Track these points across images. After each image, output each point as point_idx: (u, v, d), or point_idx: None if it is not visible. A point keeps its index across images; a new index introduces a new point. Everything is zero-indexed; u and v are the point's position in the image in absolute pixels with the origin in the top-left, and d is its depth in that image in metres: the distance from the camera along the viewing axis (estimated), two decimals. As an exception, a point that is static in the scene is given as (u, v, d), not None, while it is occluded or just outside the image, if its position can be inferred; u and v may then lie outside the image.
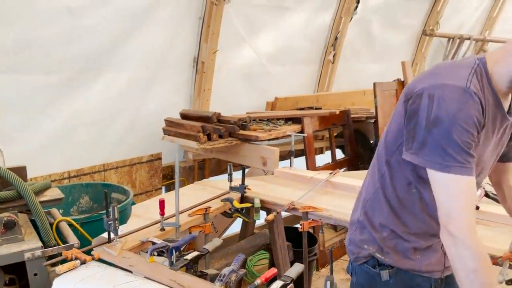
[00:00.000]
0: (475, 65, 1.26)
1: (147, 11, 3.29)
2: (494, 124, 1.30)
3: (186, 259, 1.78)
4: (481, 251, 1.20)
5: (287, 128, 3.54)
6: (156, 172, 3.61)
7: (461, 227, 1.19)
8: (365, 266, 1.49)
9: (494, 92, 1.26)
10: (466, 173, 1.19)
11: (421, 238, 1.43)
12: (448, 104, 1.18)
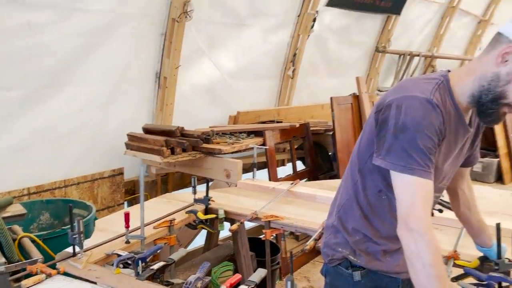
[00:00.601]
0: (439, 81, 1.38)
1: (108, 27, 3.33)
2: (456, 136, 1.42)
3: (153, 269, 1.82)
4: (437, 246, 1.30)
5: (249, 141, 3.64)
6: (118, 187, 3.60)
7: (420, 224, 1.27)
8: (338, 268, 1.58)
9: (456, 106, 1.38)
10: (426, 176, 1.29)
11: (390, 241, 1.53)
12: (414, 112, 1.29)
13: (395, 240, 1.51)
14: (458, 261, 1.91)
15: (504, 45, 1.28)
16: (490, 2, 8.40)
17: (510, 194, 3.06)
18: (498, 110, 1.33)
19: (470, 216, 1.76)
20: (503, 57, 1.28)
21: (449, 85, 1.37)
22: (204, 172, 3.33)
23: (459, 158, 1.54)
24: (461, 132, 1.43)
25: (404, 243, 1.31)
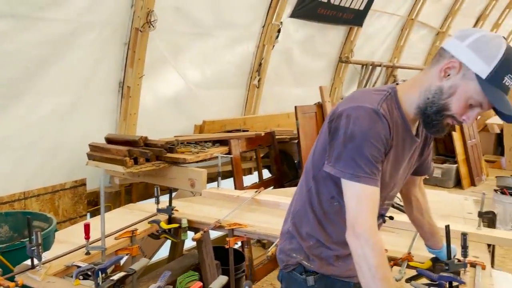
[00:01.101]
0: (387, 92, 1.45)
1: (71, 36, 3.30)
2: (403, 146, 1.48)
3: (113, 279, 1.81)
4: (382, 250, 1.36)
5: (214, 150, 3.66)
6: (80, 199, 3.54)
7: (366, 228, 1.33)
8: (293, 273, 1.62)
9: (403, 117, 1.44)
10: (372, 183, 1.35)
11: (342, 246, 1.55)
12: (362, 122, 1.35)
13: (346, 245, 1.56)
14: (412, 263, 2.00)
15: (446, 60, 1.35)
16: (447, 15, 8.78)
17: (463, 198, 3.21)
18: (442, 122, 1.40)
19: (422, 220, 1.84)
20: (446, 72, 1.35)
21: (397, 97, 1.44)
22: (169, 182, 3.32)
23: (408, 168, 1.61)
24: (408, 142, 1.50)
25: (352, 247, 1.36)
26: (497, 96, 1.31)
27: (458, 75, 1.34)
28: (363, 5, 5.92)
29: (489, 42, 1.32)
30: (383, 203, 1.59)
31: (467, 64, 1.32)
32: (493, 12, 10.32)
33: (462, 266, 1.90)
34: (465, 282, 1.80)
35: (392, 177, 1.52)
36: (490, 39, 1.32)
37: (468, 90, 1.33)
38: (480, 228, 2.36)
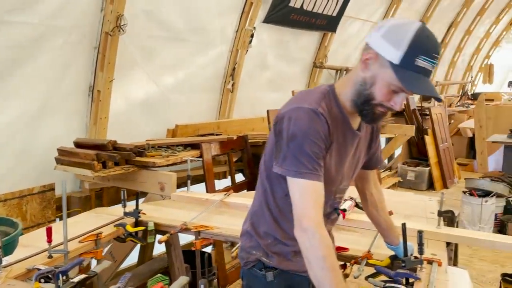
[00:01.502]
0: (325, 91, 1.52)
1: (39, 40, 3.28)
2: (345, 140, 1.55)
3: (73, 281, 1.80)
4: (328, 241, 1.40)
5: (185, 153, 3.67)
6: (49, 204, 3.50)
7: (312, 222, 1.39)
8: (253, 270, 1.67)
9: (343, 112, 1.51)
10: (315, 178, 1.41)
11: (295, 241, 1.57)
12: (301, 122, 1.42)
13: None
14: (371, 260, 2.04)
15: (365, 52, 1.43)
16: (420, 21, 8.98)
17: (428, 199, 3.29)
18: (373, 110, 1.46)
19: (377, 215, 1.91)
20: (365, 63, 1.42)
21: (335, 94, 1.52)
22: (139, 186, 3.32)
23: (355, 162, 1.67)
24: (350, 137, 1.57)
25: (299, 241, 1.41)
26: (411, 79, 1.35)
27: (376, 65, 1.40)
28: (336, 11, 6.03)
29: (399, 28, 1.37)
30: (335, 197, 1.65)
31: (381, 53, 1.38)
32: (464, 19, 10.62)
33: (419, 263, 1.96)
34: (420, 278, 1.85)
35: (338, 171, 1.57)
36: (400, 25, 1.38)
37: (385, 77, 1.39)
38: (440, 227, 2.43)
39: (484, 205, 5.00)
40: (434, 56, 1.36)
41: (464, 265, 4.36)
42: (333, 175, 1.55)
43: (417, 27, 1.36)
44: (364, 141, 1.67)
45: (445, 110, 8.75)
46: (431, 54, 1.35)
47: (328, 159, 1.49)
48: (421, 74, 1.36)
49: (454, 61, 11.95)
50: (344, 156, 1.57)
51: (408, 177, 7.63)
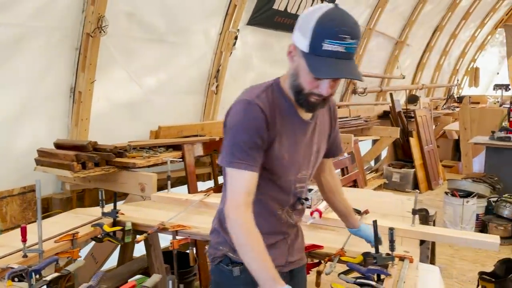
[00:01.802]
0: (269, 85, 1.59)
1: (17, 41, 3.26)
2: (294, 129, 1.59)
3: (46, 280, 1.80)
4: (250, 228, 1.46)
5: (167, 155, 3.68)
6: (29, 205, 3.48)
7: (233, 208, 1.47)
8: (220, 265, 1.69)
9: (289, 103, 1.56)
10: (243, 168, 1.47)
11: (264, 236, 1.61)
12: (237, 115, 1.50)
13: (269, 235, 1.64)
14: (344, 257, 2.07)
15: (290, 46, 1.51)
16: (404, 25, 9.10)
17: (406, 199, 3.33)
18: (307, 99, 1.51)
19: (334, 200, 1.98)
20: (290, 56, 1.51)
21: (280, 86, 1.58)
22: (119, 187, 3.32)
23: (313, 150, 1.70)
24: (298, 125, 1.61)
25: (228, 226, 1.49)
26: (320, 65, 1.39)
27: (296, 57, 1.48)
28: (320, 14, 6.08)
29: (307, 17, 1.43)
30: (295, 187, 1.68)
31: (296, 44, 1.46)
32: (449, 23, 10.77)
33: (390, 259, 2.00)
34: (390, 274, 1.88)
35: (291, 160, 1.61)
36: (308, 14, 1.43)
37: (303, 67, 1.44)
38: (414, 225, 2.47)
39: (465, 205, 5.06)
40: (342, 37, 1.36)
41: (445, 265, 4.43)
42: (286, 164, 1.60)
43: (322, 12, 1.39)
44: (323, 129, 1.73)
45: (430, 112, 8.87)
46: (337, 35, 1.36)
47: (278, 147, 1.55)
48: (334, 58, 1.38)
49: (440, 64, 12.10)
50: (295, 144, 1.61)
51: (393, 178, 7.71)
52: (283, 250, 1.74)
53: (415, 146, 7.81)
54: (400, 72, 9.44)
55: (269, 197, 1.64)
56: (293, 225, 1.78)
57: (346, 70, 1.41)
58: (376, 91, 8.89)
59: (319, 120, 1.70)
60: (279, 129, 1.54)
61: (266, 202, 1.65)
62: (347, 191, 3.65)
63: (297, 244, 1.84)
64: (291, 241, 1.78)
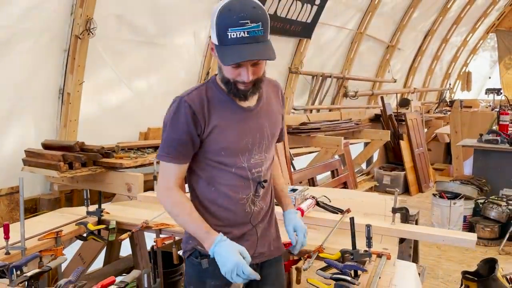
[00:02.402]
0: (206, 81, 1.72)
1: (6, 43, 3.30)
2: (234, 117, 1.66)
3: (26, 275, 1.83)
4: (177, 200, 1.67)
5: (154, 155, 3.70)
6: (17, 205, 3.49)
7: (163, 190, 1.69)
8: (191, 258, 1.76)
9: (225, 95, 1.65)
10: (165, 160, 1.66)
11: (231, 227, 1.72)
12: (168, 113, 1.65)
13: (236, 226, 1.70)
14: (322, 254, 2.11)
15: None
16: (396, 29, 9.19)
17: (390, 198, 3.38)
18: (236, 88, 1.60)
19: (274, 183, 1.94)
20: (212, 52, 1.60)
21: (216, 82, 1.68)
22: (106, 187, 3.35)
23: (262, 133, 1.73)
24: (239, 114, 1.68)
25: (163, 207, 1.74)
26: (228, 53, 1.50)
27: (215, 51, 1.57)
28: (310, 18, 6.15)
29: (213, 12, 1.53)
30: (251, 172, 1.72)
31: (212, 40, 1.58)
32: (440, 27, 10.88)
33: (367, 256, 2.04)
34: (366, 270, 1.92)
35: (238, 148, 1.67)
36: (213, 9, 1.53)
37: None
38: (394, 224, 2.51)
39: (452, 207, 5.11)
40: (242, 23, 1.45)
41: (432, 265, 4.47)
42: (233, 152, 1.67)
43: (222, 4, 1.50)
44: (272, 113, 1.77)
45: (421, 116, 8.93)
46: (238, 22, 1.45)
47: (218, 138, 1.64)
48: (240, 44, 1.47)
49: (432, 68, 12.20)
50: (239, 132, 1.67)
51: (384, 181, 7.76)
52: (253, 241, 1.78)
53: (405, 149, 7.86)
54: (392, 76, 9.52)
55: (229, 187, 1.69)
56: (262, 215, 1.79)
57: (250, 53, 1.49)
58: (368, 94, 8.95)
59: (266, 105, 1.75)
60: (215, 121, 1.63)
61: (228, 193, 1.70)
62: (332, 192, 3.71)
63: (270, 235, 1.85)
64: (262, 231, 1.80)
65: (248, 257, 1.59)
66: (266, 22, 1.51)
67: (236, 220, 1.73)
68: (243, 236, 1.74)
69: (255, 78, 1.57)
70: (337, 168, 6.19)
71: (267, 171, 1.79)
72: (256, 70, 1.56)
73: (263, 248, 1.82)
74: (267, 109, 1.76)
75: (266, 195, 1.81)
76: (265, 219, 1.83)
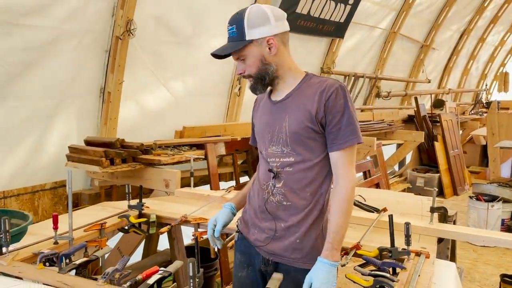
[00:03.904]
0: None
1: (51, 43, 3.44)
2: (265, 109, 1.88)
3: (75, 263, 1.92)
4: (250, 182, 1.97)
5: (191, 153, 3.78)
6: (60, 199, 3.65)
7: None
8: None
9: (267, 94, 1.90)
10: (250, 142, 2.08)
11: (251, 209, 1.95)
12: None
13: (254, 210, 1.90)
14: (359, 251, 2.12)
15: None
16: (430, 29, 9.02)
17: (426, 199, 3.33)
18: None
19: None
20: None
21: None
22: (145, 183, 3.44)
23: (280, 126, 1.79)
24: (268, 106, 1.87)
25: None
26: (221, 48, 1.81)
27: None
28: (344, 17, 6.12)
29: None
30: (267, 161, 1.84)
31: None
32: (477, 27, 10.60)
33: (405, 253, 2.03)
34: (405, 267, 1.92)
35: (260, 136, 1.88)
36: None
37: None
38: (432, 223, 2.49)
39: (490, 209, 4.99)
40: (227, 26, 1.79)
41: (468, 268, 4.38)
42: (259, 137, 1.90)
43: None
44: (297, 110, 1.75)
45: (456, 117, 8.73)
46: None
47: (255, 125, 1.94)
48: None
49: (468, 68, 11.89)
50: (263, 120, 1.88)
51: (417, 183, 7.62)
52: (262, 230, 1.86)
53: (440, 151, 7.71)
54: (426, 76, 9.34)
55: (260, 170, 1.90)
56: (281, 210, 1.79)
57: (217, 50, 1.82)
58: (401, 95, 8.82)
59: (293, 101, 1.78)
60: (258, 111, 1.93)
61: (258, 175, 1.91)
62: (367, 191, 3.69)
63: (288, 238, 1.79)
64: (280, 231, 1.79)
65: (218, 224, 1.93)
66: (240, 24, 1.74)
67: (255, 202, 1.89)
68: (255, 223, 1.88)
69: (245, 73, 1.79)
70: (369, 169, 6.13)
71: (288, 167, 1.77)
72: (241, 65, 1.80)
73: (277, 248, 1.80)
74: (292, 104, 1.77)
75: (289, 194, 1.77)
76: (288, 219, 1.79)
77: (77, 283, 1.76)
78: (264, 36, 1.74)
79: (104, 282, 1.74)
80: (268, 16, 1.75)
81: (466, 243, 4.98)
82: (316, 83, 1.77)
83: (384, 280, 1.77)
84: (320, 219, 1.80)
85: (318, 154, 1.77)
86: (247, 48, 1.76)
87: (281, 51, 1.79)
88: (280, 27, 1.79)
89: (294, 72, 1.83)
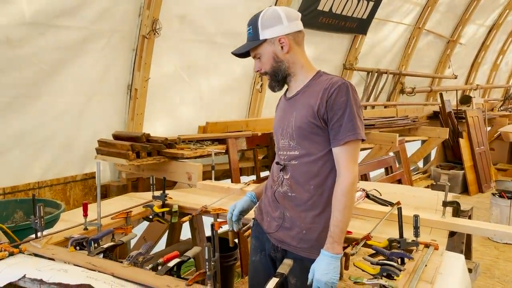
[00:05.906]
0: None
1: (82, 42, 3.65)
2: (280, 105, 2.04)
3: (103, 247, 2.09)
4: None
5: (212, 147, 3.93)
6: (90, 190, 3.87)
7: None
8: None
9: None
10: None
11: (265, 198, 2.09)
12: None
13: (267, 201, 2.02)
14: (369, 242, 2.20)
15: None
16: (457, 24, 8.88)
17: (443, 194, 3.37)
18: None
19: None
20: None
21: None
22: (168, 175, 3.60)
23: (288, 121, 1.90)
24: (282, 102, 2.03)
25: None
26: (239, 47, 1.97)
27: None
28: (366, 14, 6.14)
29: None
30: (278, 154, 1.98)
31: None
32: (506, 21, 10.34)
33: (414, 244, 2.11)
34: (413, 258, 1.99)
35: (275, 129, 2.01)
36: None
37: None
38: (444, 217, 2.54)
39: (513, 206, 4.95)
40: (247, 28, 1.93)
41: (488, 265, 4.37)
42: (274, 131, 2.02)
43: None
44: (302, 107, 1.85)
45: (483, 113, 8.58)
46: None
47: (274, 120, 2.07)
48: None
49: (497, 64, 11.62)
50: (277, 116, 2.03)
51: (441, 180, 7.56)
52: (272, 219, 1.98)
53: (465, 148, 7.62)
54: (452, 72, 9.21)
55: (273, 164, 2.02)
56: (287, 200, 1.91)
57: (238, 48, 1.97)
58: (426, 91, 8.73)
59: (300, 98, 1.89)
60: (277, 107, 2.07)
61: (272, 170, 2.02)
62: (384, 186, 3.75)
63: (295, 228, 1.88)
64: (288, 219, 1.90)
65: (236, 209, 2.12)
66: (255, 25, 1.88)
67: (269, 192, 2.01)
68: (268, 212, 2.00)
69: (262, 70, 1.93)
70: (391, 165, 6.14)
71: (293, 160, 1.88)
72: (258, 63, 1.94)
73: (285, 236, 1.92)
74: (300, 101, 1.89)
75: (294, 185, 1.88)
76: (292, 210, 1.90)
77: (104, 264, 1.93)
78: (276, 36, 1.86)
79: (128, 264, 1.90)
80: (281, 17, 1.87)
81: (487, 240, 4.96)
82: (323, 80, 1.86)
83: (390, 269, 1.86)
84: (326, 212, 1.84)
85: (322, 149, 1.84)
86: (261, 47, 1.90)
87: (294, 49, 1.90)
88: (293, 27, 1.90)
89: (306, 70, 1.94)
